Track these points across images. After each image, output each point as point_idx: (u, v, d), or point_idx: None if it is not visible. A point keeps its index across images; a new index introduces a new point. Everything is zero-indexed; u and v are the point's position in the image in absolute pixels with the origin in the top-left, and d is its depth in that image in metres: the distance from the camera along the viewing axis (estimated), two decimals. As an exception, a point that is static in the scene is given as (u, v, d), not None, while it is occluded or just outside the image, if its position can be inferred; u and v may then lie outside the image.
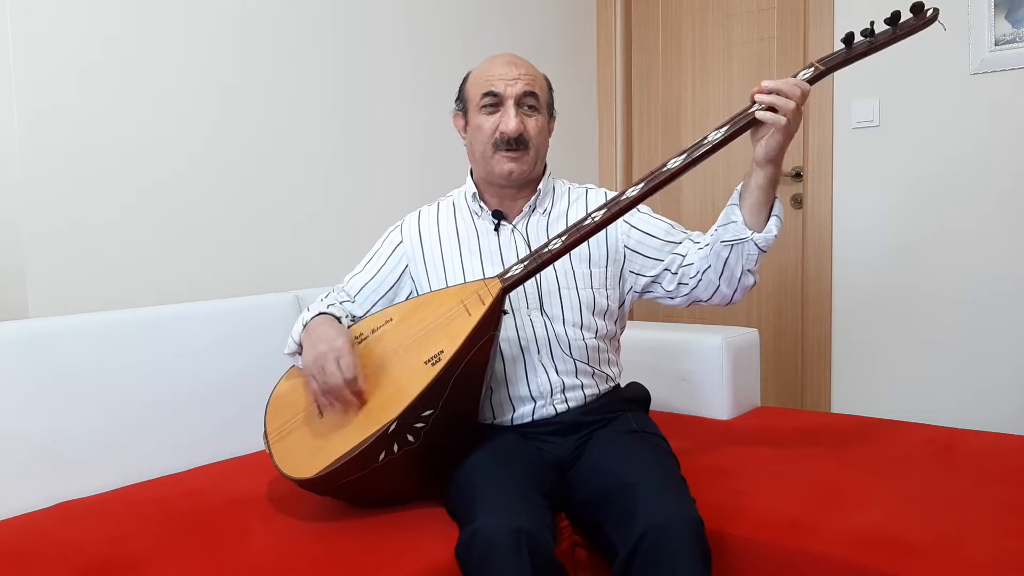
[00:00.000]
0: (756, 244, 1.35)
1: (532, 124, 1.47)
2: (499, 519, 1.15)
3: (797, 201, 2.79)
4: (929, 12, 1.32)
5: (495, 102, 1.46)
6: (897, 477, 1.50)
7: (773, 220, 1.35)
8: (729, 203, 1.38)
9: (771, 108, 1.28)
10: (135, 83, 1.80)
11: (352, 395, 1.32)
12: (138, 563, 1.20)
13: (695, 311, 3.05)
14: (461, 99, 1.54)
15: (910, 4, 1.31)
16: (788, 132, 1.28)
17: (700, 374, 2.06)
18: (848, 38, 1.34)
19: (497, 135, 1.45)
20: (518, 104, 1.46)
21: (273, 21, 2.07)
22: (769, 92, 1.28)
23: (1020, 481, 1.45)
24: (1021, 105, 2.29)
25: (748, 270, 1.39)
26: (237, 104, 1.99)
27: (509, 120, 1.44)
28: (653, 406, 1.63)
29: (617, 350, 1.60)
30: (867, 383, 2.62)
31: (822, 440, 1.77)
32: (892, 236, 2.54)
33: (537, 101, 1.48)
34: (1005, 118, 2.32)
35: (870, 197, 2.57)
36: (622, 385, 1.60)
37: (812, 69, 1.33)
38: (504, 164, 1.46)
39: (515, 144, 1.45)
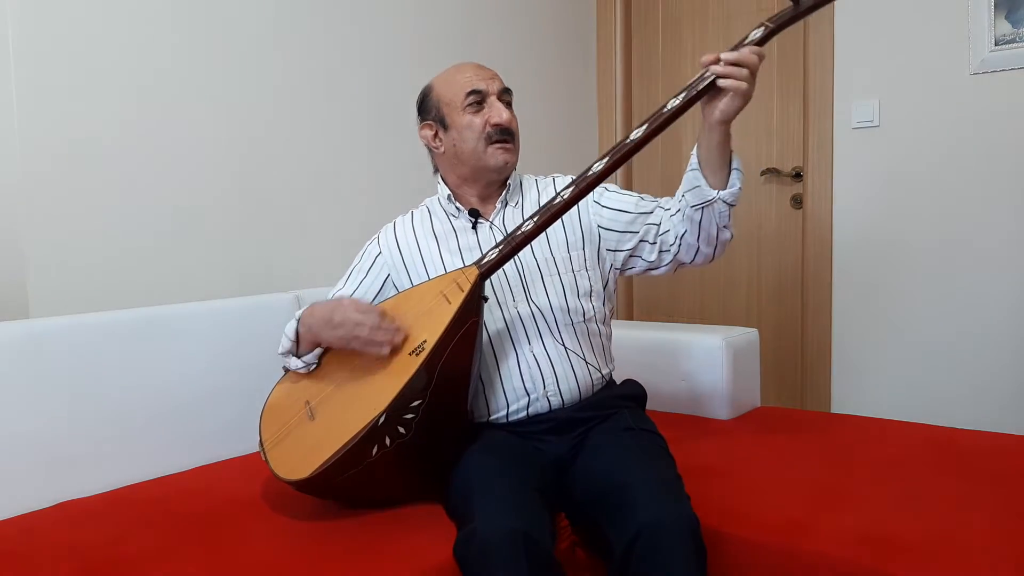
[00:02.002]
0: (724, 201, 1.38)
1: (512, 117, 1.53)
2: (497, 520, 1.16)
3: (797, 201, 2.79)
4: None
5: (479, 99, 1.50)
6: (897, 477, 1.50)
7: (734, 174, 1.39)
8: (689, 169, 1.41)
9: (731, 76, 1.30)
10: (135, 84, 1.80)
11: (392, 323, 1.35)
12: (138, 563, 1.20)
13: (695, 311, 3.06)
14: (429, 109, 1.57)
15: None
16: (747, 96, 1.31)
17: (700, 374, 2.06)
18: None
19: (490, 128, 1.50)
20: (499, 99, 1.51)
21: (273, 23, 2.07)
22: (732, 63, 1.30)
23: (1020, 481, 1.45)
24: (1021, 105, 2.29)
25: (723, 227, 1.42)
26: (236, 105, 1.99)
27: (501, 112, 1.50)
28: (653, 406, 1.63)
29: (608, 337, 1.61)
30: (867, 383, 2.62)
31: (822, 440, 1.77)
32: (892, 236, 2.54)
33: (511, 97, 1.54)
34: (1005, 118, 2.32)
35: (870, 197, 2.57)
36: (616, 381, 1.61)
37: (763, 29, 1.35)
38: (499, 156, 1.50)
39: (507, 135, 1.50)
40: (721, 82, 1.30)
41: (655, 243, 1.51)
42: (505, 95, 1.53)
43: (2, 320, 1.55)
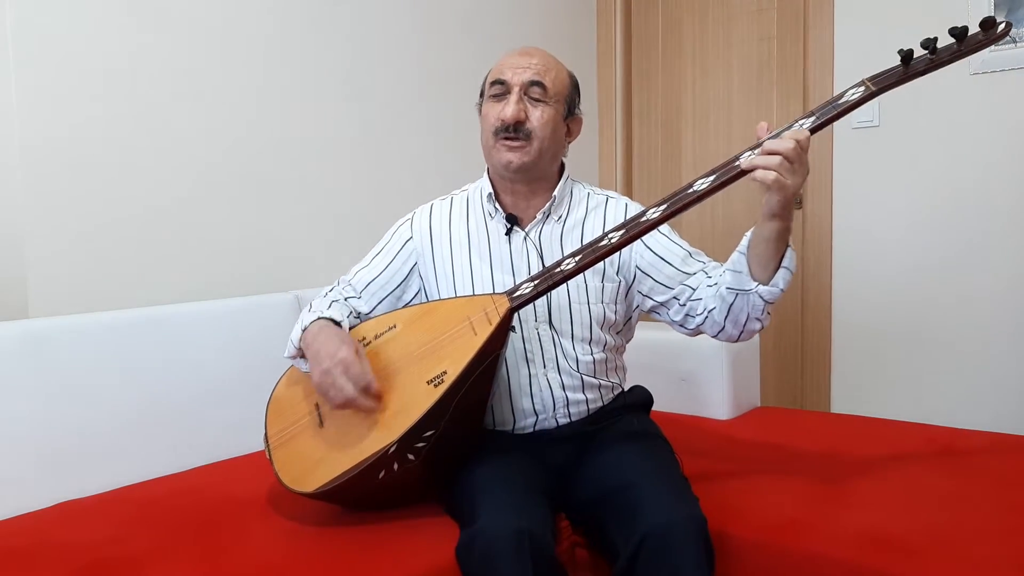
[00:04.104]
0: (761, 296, 1.29)
1: (536, 114, 1.41)
2: (501, 520, 1.15)
3: (797, 201, 2.78)
4: (1001, 26, 1.17)
5: (502, 91, 1.42)
6: (897, 477, 1.50)
7: (781, 273, 1.29)
8: (738, 249, 1.32)
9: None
10: (134, 83, 1.79)
11: (369, 403, 1.29)
12: (138, 563, 1.20)
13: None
14: (481, 95, 1.50)
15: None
16: (786, 190, 1.19)
17: (700, 374, 2.06)
18: (907, 55, 1.20)
19: (497, 122, 1.41)
20: (524, 93, 1.41)
21: (275, 21, 2.06)
22: (765, 152, 1.19)
23: (1020, 481, 1.45)
24: (1021, 105, 2.29)
25: (755, 318, 1.33)
26: (237, 104, 1.99)
27: (508, 106, 1.39)
28: (654, 406, 1.62)
29: (622, 354, 1.58)
30: (867, 383, 2.62)
31: (822, 440, 1.77)
32: (892, 236, 2.54)
33: (544, 92, 1.41)
34: (1005, 118, 2.32)
35: (870, 197, 2.57)
36: (626, 388, 1.58)
37: (863, 89, 1.22)
38: (503, 154, 1.41)
39: (514, 132, 1.40)
40: (754, 175, 1.19)
41: (684, 305, 1.42)
42: (533, 89, 1.40)
43: (2, 320, 1.55)
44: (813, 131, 1.22)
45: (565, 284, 1.38)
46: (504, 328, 1.30)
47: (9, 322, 1.54)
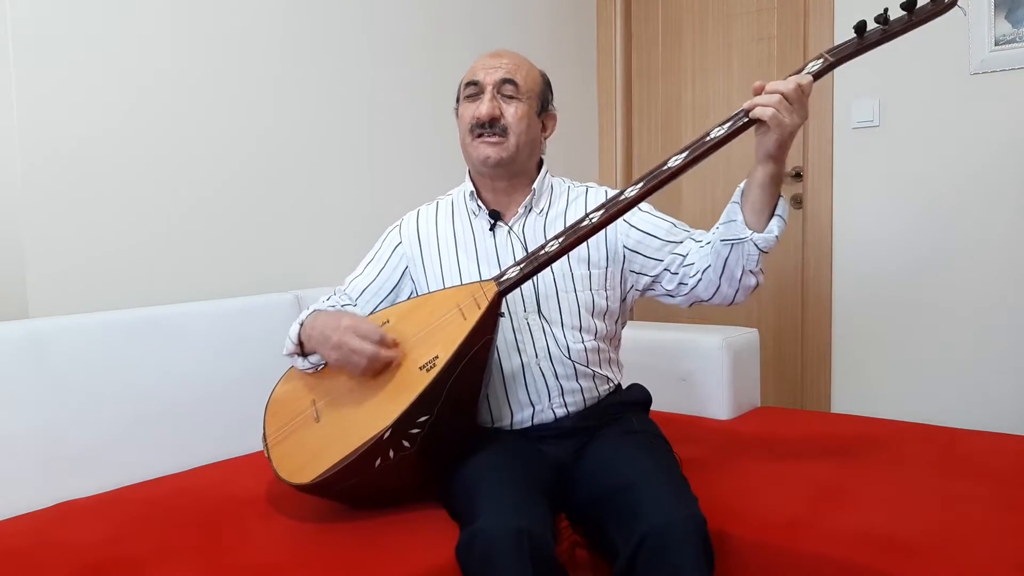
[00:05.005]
0: (756, 244, 1.32)
1: (510, 110, 1.45)
2: (501, 519, 1.15)
3: (797, 201, 2.79)
4: None
5: (476, 91, 1.47)
6: (897, 477, 1.50)
7: (775, 220, 1.32)
8: (731, 200, 1.35)
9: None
10: (135, 83, 1.79)
11: (391, 352, 1.32)
12: (138, 563, 1.20)
13: (696, 310, 3.04)
14: (457, 100, 1.55)
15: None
16: (783, 128, 1.24)
17: (700, 374, 2.06)
18: (860, 26, 1.26)
19: (472, 120, 1.46)
20: (497, 91, 1.45)
21: (275, 24, 2.06)
22: (767, 91, 1.25)
23: (1020, 481, 1.45)
24: (1021, 105, 2.29)
25: (749, 271, 1.36)
26: (236, 105, 1.99)
27: (483, 104, 1.44)
28: (653, 406, 1.62)
29: (617, 347, 1.59)
30: (867, 383, 2.62)
31: (822, 440, 1.77)
32: (892, 236, 2.54)
33: (516, 89, 1.46)
34: (1005, 118, 2.32)
35: (870, 197, 2.57)
36: (623, 385, 1.59)
37: (821, 61, 1.29)
38: (481, 149, 1.45)
39: (489, 128, 1.44)
40: (752, 112, 1.26)
41: (676, 273, 1.45)
42: (505, 87, 1.45)
43: (2, 320, 1.56)
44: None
45: (551, 273, 1.44)
46: (493, 312, 1.33)
47: (9, 322, 1.54)
